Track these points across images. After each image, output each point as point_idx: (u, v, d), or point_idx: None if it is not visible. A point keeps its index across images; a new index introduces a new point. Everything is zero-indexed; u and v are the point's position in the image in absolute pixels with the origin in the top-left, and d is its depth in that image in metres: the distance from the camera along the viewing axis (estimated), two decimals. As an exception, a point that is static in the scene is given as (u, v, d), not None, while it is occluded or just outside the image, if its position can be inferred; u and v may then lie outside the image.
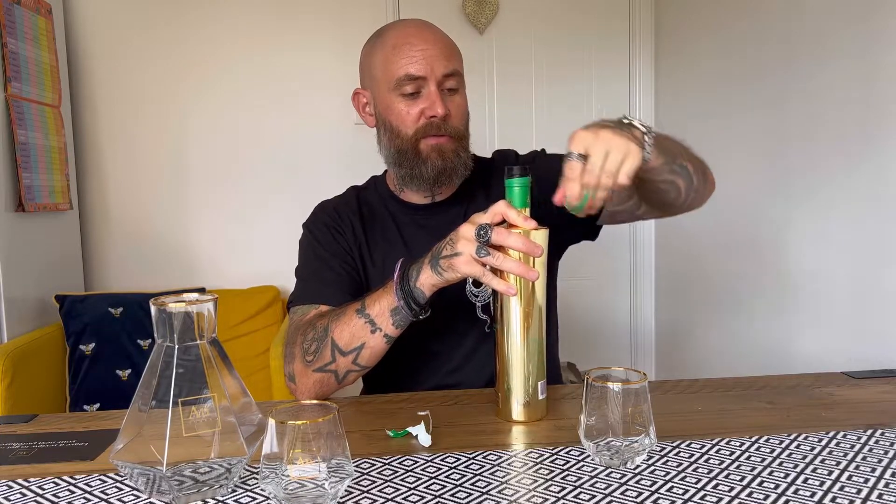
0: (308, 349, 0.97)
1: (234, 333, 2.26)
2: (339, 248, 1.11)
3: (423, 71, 1.02)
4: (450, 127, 1.05)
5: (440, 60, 1.03)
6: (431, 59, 1.02)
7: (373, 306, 0.92)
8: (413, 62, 1.02)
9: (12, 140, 1.97)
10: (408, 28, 1.06)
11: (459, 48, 1.10)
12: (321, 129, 2.56)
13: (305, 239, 1.15)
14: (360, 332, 0.93)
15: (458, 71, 1.06)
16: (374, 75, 1.07)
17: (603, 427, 0.70)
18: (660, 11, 2.68)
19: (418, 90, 1.03)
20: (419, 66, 1.02)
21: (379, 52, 1.06)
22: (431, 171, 1.04)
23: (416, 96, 1.03)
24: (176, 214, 2.52)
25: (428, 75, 1.02)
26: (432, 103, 1.02)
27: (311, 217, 1.18)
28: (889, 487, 0.65)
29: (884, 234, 1.48)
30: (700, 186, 1.02)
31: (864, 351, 1.55)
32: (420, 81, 1.03)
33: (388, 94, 1.05)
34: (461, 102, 1.08)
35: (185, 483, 0.63)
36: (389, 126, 1.07)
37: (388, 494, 0.66)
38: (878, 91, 1.49)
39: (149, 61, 2.46)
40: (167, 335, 0.65)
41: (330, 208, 1.16)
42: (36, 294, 2.09)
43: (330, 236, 1.12)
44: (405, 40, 1.03)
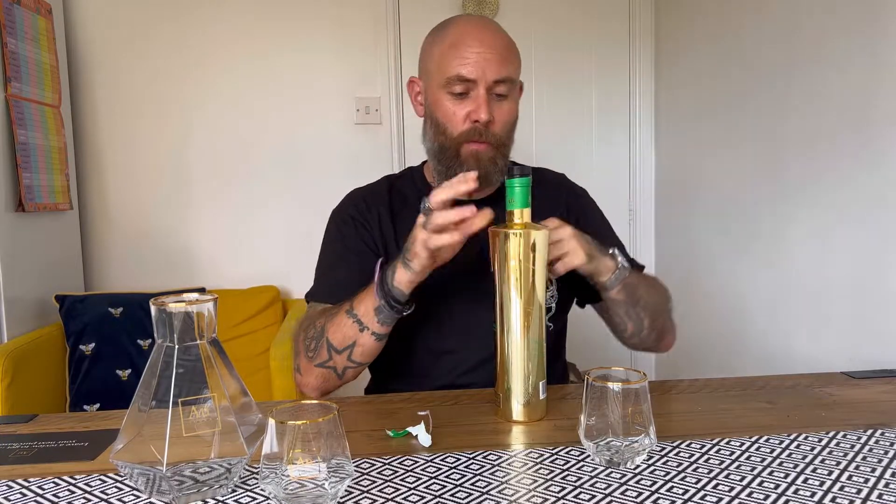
0: (309, 346, 1.01)
1: (234, 333, 2.26)
2: (359, 244, 1.11)
3: (474, 74, 1.01)
4: (491, 134, 1.04)
5: (493, 65, 1.01)
6: (484, 63, 1.01)
7: (359, 307, 0.96)
8: (466, 63, 1.01)
9: (12, 140, 1.97)
10: (468, 27, 1.05)
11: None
12: (321, 129, 2.56)
13: (330, 228, 1.16)
14: (351, 331, 0.97)
15: (511, 77, 1.04)
16: (429, 69, 1.07)
17: (603, 427, 0.70)
18: (660, 12, 2.68)
19: (467, 91, 1.03)
20: (471, 68, 1.01)
21: (437, 46, 1.06)
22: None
23: (464, 97, 1.03)
24: (176, 214, 2.52)
25: (478, 78, 1.01)
26: (478, 107, 1.02)
27: (339, 205, 1.18)
28: (889, 487, 0.65)
29: (884, 235, 1.48)
30: (647, 340, 1.10)
31: (864, 351, 1.55)
32: (470, 83, 1.02)
33: (438, 90, 1.05)
34: (509, 109, 1.06)
35: (185, 483, 0.63)
36: (436, 121, 1.07)
37: (388, 494, 0.66)
38: (878, 91, 1.49)
39: (149, 61, 2.46)
40: (167, 335, 0.65)
41: (359, 197, 1.16)
42: (36, 294, 2.09)
43: (353, 229, 1.12)
44: (462, 39, 1.03)
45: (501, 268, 0.85)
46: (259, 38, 2.50)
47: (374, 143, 2.58)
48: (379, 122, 2.58)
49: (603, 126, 2.77)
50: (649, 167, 2.76)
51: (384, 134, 2.59)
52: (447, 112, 1.04)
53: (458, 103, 1.03)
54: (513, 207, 0.85)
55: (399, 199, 1.16)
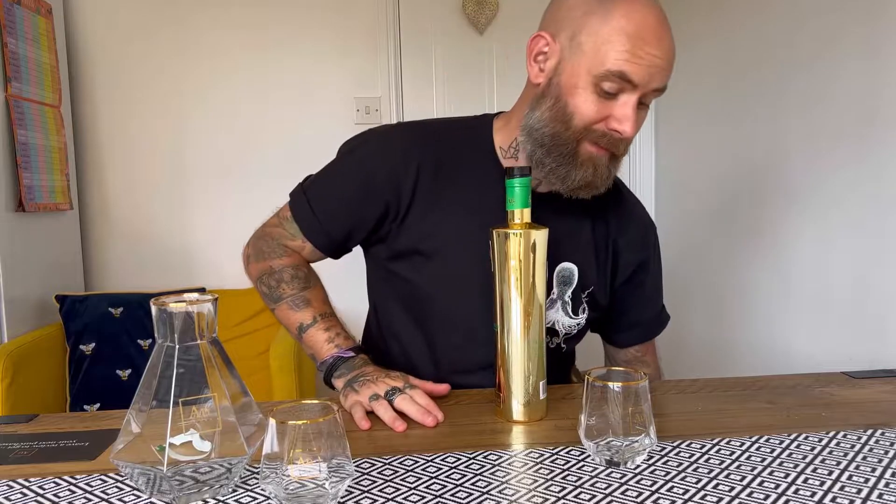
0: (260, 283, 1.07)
1: (234, 333, 2.26)
2: (366, 192, 0.99)
3: (641, 79, 0.86)
4: (622, 145, 0.91)
5: (660, 75, 0.87)
6: (655, 71, 0.86)
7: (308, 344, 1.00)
8: (637, 64, 0.85)
9: (12, 140, 1.97)
10: (649, 19, 0.86)
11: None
12: (322, 129, 2.56)
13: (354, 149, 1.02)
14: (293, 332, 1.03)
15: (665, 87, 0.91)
16: (580, 41, 0.88)
17: (603, 427, 0.70)
18: (660, 11, 2.68)
19: (619, 91, 0.87)
20: (640, 72, 0.85)
21: (602, 21, 0.86)
22: (577, 180, 0.92)
23: (612, 97, 0.88)
24: (176, 214, 2.52)
25: (641, 84, 0.86)
26: (624, 118, 0.87)
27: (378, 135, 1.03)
28: (889, 487, 0.65)
29: (884, 235, 1.48)
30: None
31: (864, 351, 1.55)
32: (628, 85, 0.87)
33: (583, 75, 0.87)
34: (643, 118, 0.93)
35: (185, 483, 0.63)
36: (563, 106, 0.89)
37: (388, 494, 0.66)
38: (878, 91, 1.49)
39: (149, 61, 2.47)
40: (167, 335, 0.65)
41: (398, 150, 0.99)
42: (36, 294, 2.09)
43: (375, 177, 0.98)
44: (640, 34, 0.85)
45: (501, 268, 0.85)
46: (259, 37, 2.50)
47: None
48: (379, 121, 2.58)
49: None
50: (649, 166, 2.76)
51: (384, 134, 2.59)
52: (585, 105, 0.88)
53: (602, 102, 0.88)
54: (513, 207, 0.85)
55: (451, 156, 0.99)
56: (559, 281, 1.02)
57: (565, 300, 1.03)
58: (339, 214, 1.02)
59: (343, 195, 1.01)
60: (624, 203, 1.10)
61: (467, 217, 0.98)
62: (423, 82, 2.63)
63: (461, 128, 1.04)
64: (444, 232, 0.99)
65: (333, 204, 1.02)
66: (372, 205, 0.99)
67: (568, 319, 1.05)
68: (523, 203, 0.85)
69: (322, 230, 1.03)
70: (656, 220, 1.18)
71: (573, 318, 1.05)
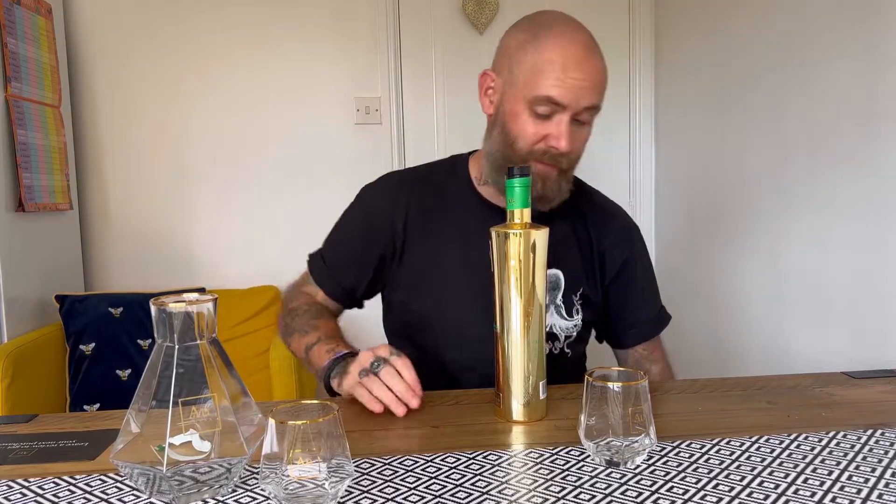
0: (287, 325, 1.12)
1: (234, 333, 2.26)
2: (368, 240, 1.11)
3: (567, 100, 0.95)
4: (564, 160, 1.00)
5: (588, 94, 0.96)
6: (580, 92, 0.95)
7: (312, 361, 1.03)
8: (561, 88, 0.95)
9: (12, 140, 1.97)
10: (571, 48, 0.96)
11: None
12: (322, 129, 2.56)
13: (358, 204, 1.16)
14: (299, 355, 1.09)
15: (599, 105, 1.00)
16: (514, 73, 1.00)
17: (603, 427, 0.70)
18: (659, 12, 2.68)
19: (552, 114, 0.97)
20: (566, 95, 0.95)
21: (530, 54, 0.98)
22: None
23: (546, 119, 0.98)
24: (176, 214, 2.52)
25: (569, 105, 0.96)
26: (560, 135, 0.97)
27: (371, 188, 1.16)
28: (889, 487, 0.65)
29: (884, 235, 1.48)
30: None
31: (864, 351, 1.55)
32: (557, 107, 0.96)
33: (519, 102, 0.99)
34: (585, 136, 1.03)
35: (185, 483, 0.63)
36: (507, 131, 1.01)
37: (388, 494, 0.66)
38: (877, 91, 1.49)
39: (149, 61, 2.47)
40: (167, 335, 0.65)
41: (392, 187, 1.14)
42: (36, 294, 2.09)
43: (368, 223, 1.12)
44: (562, 61, 0.95)
45: (501, 268, 0.85)
46: (259, 37, 2.50)
47: (374, 144, 2.58)
48: (379, 122, 2.58)
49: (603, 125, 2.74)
50: (649, 166, 2.76)
51: (384, 134, 2.59)
52: (524, 128, 0.99)
53: (540, 124, 0.98)
54: (513, 207, 0.85)
55: (438, 193, 1.11)
56: (548, 288, 1.07)
57: (557, 304, 1.08)
58: (346, 261, 1.14)
59: (348, 244, 1.14)
60: (601, 208, 1.17)
61: (457, 244, 1.08)
62: (423, 82, 2.63)
63: (441, 167, 1.16)
64: (439, 261, 1.08)
65: (340, 253, 1.15)
66: (373, 248, 1.11)
67: (563, 322, 1.08)
68: (523, 203, 0.85)
69: (332, 277, 1.15)
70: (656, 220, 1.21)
71: (568, 320, 1.08)
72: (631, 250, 1.16)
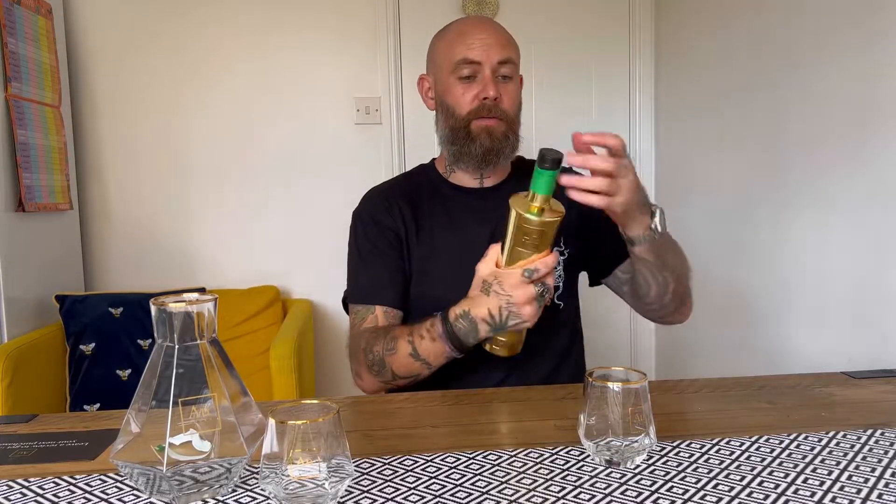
0: (371, 367, 1.07)
1: (234, 333, 2.26)
2: (385, 242, 1.16)
3: (480, 56, 1.10)
4: (501, 110, 1.11)
5: (496, 48, 1.10)
6: (488, 47, 1.10)
7: (425, 353, 1.01)
8: (472, 48, 1.10)
9: (12, 140, 1.97)
10: (471, 20, 1.17)
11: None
12: (322, 129, 2.56)
13: (354, 231, 1.21)
14: (416, 367, 1.03)
15: (513, 60, 1.13)
16: (437, 61, 1.16)
17: (603, 427, 0.70)
18: (660, 12, 2.68)
19: (474, 74, 1.11)
20: (477, 51, 1.10)
21: (443, 40, 1.16)
22: (479, 149, 1.11)
23: (471, 80, 1.11)
24: (176, 214, 2.52)
25: (484, 61, 1.10)
26: (485, 86, 1.10)
27: (360, 207, 1.22)
28: (889, 487, 0.65)
29: (884, 235, 1.48)
30: (668, 307, 1.12)
31: (864, 351, 1.55)
32: (476, 66, 1.10)
33: (447, 77, 1.13)
34: (514, 90, 1.14)
35: (185, 483, 0.63)
36: (446, 106, 1.14)
37: (388, 494, 0.66)
38: (877, 91, 1.49)
39: (149, 61, 2.47)
40: (167, 335, 0.65)
41: (378, 197, 1.21)
42: (36, 294, 2.09)
43: (376, 230, 1.17)
44: (466, 29, 1.13)
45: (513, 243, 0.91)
46: (259, 37, 2.50)
47: (374, 143, 2.58)
48: (379, 122, 2.58)
49: (603, 125, 2.77)
50: (649, 166, 2.76)
51: (384, 134, 2.59)
52: (456, 95, 1.12)
53: (467, 86, 1.11)
54: (535, 190, 0.88)
55: (416, 192, 1.20)
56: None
57: None
58: (381, 267, 1.15)
59: (373, 255, 1.16)
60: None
61: (447, 229, 1.17)
62: (423, 82, 2.63)
63: (412, 174, 1.27)
64: (434, 246, 1.16)
65: (372, 264, 1.16)
66: (394, 244, 1.16)
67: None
68: (548, 190, 0.87)
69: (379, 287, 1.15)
70: None
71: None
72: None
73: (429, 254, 1.15)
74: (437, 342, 0.99)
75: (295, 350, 1.91)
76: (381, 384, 1.09)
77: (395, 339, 1.04)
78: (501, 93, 1.11)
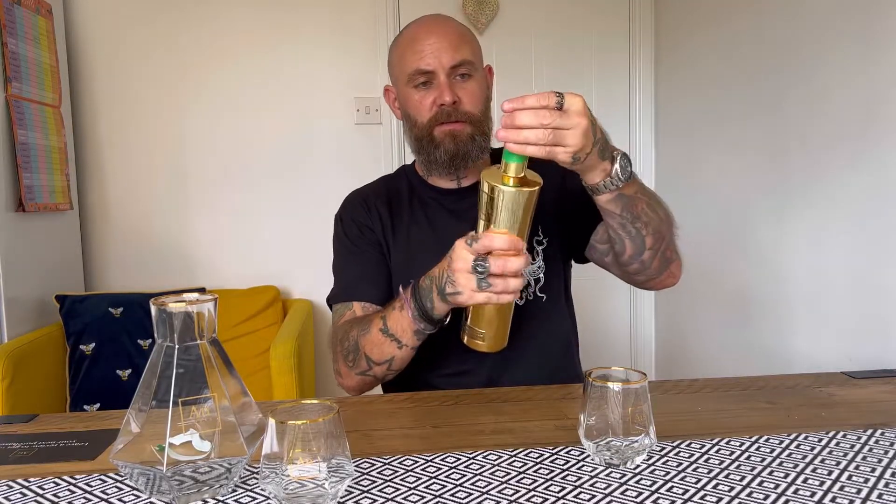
0: (347, 357, 1.07)
1: (234, 333, 2.26)
2: (365, 241, 1.17)
3: (432, 64, 1.08)
4: (462, 112, 1.09)
5: (447, 52, 1.08)
6: (439, 52, 1.08)
7: (395, 326, 0.99)
8: (422, 57, 1.08)
9: (12, 140, 1.97)
10: (420, 25, 1.13)
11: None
12: (321, 129, 2.56)
13: (336, 232, 1.21)
14: (389, 348, 1.00)
15: (468, 59, 1.10)
16: (395, 72, 1.15)
17: (603, 427, 0.70)
18: (660, 11, 2.68)
19: (430, 81, 1.09)
20: (427, 59, 1.08)
21: (397, 50, 1.14)
22: (444, 155, 1.10)
23: (428, 86, 1.10)
24: (176, 214, 2.52)
25: (436, 68, 1.08)
26: (441, 92, 1.08)
27: (341, 209, 1.23)
28: (889, 487, 0.65)
29: (883, 234, 1.48)
30: (649, 266, 1.03)
31: (864, 351, 1.55)
32: (430, 74, 1.08)
33: (405, 88, 1.12)
34: (474, 88, 1.11)
35: (185, 483, 0.63)
36: (409, 116, 1.14)
37: (388, 494, 0.66)
38: (877, 91, 1.49)
39: (149, 61, 2.46)
40: (167, 335, 0.65)
41: (357, 199, 1.22)
42: (36, 294, 2.09)
43: (357, 230, 1.17)
44: (415, 36, 1.11)
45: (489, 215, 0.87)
46: (259, 37, 2.50)
47: (374, 143, 2.58)
48: (379, 122, 2.58)
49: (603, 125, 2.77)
50: (649, 166, 2.77)
51: (384, 134, 2.59)
52: (415, 104, 1.11)
53: (424, 94, 1.10)
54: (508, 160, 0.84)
55: (395, 195, 1.20)
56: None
57: None
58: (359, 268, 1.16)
59: (350, 255, 1.17)
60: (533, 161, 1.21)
61: (426, 228, 1.17)
62: (423, 82, 2.63)
63: (392, 177, 1.27)
64: (411, 246, 1.16)
65: (353, 263, 1.17)
66: (374, 244, 1.16)
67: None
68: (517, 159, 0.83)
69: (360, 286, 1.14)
70: None
71: (531, 264, 1.13)
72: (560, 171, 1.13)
73: (407, 255, 1.15)
74: (405, 310, 0.96)
75: (295, 350, 1.91)
76: (358, 378, 1.06)
77: (369, 321, 1.03)
78: (461, 94, 1.09)
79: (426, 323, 0.95)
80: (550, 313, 1.16)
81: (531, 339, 1.12)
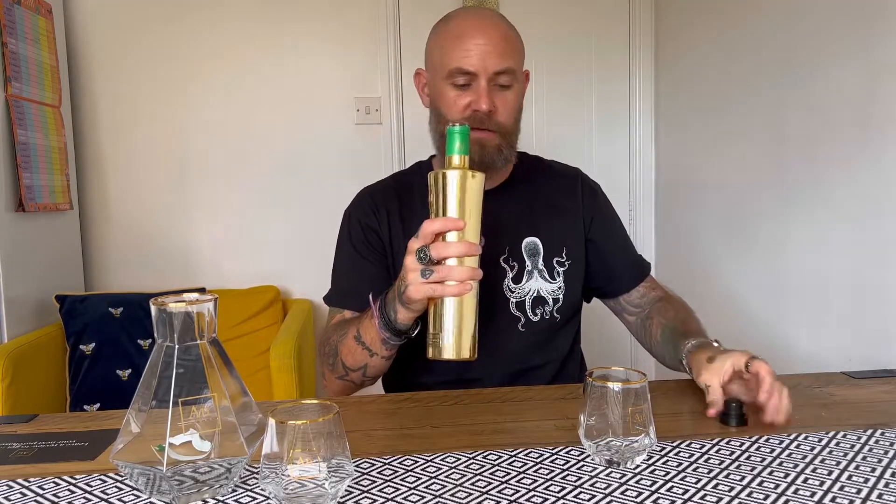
0: (327, 361, 1.08)
1: (234, 333, 2.26)
2: (367, 246, 1.14)
3: (475, 67, 1.03)
4: (494, 122, 1.05)
5: (493, 57, 1.03)
6: (485, 56, 1.02)
7: (366, 336, 0.99)
8: (467, 56, 1.02)
9: (12, 140, 1.97)
10: (470, 19, 1.06)
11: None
12: (321, 129, 2.56)
13: (342, 230, 1.19)
14: (361, 356, 1.01)
15: (512, 68, 1.05)
16: (433, 61, 1.09)
17: (603, 427, 0.70)
18: (660, 12, 2.68)
19: (469, 83, 1.04)
20: (472, 61, 1.02)
21: (440, 39, 1.08)
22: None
23: (466, 88, 1.05)
24: (176, 214, 2.52)
25: (479, 71, 1.03)
26: (479, 97, 1.03)
27: (350, 206, 1.20)
28: (889, 487, 0.65)
29: (884, 235, 1.48)
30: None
31: (864, 351, 1.55)
32: (471, 76, 1.03)
33: (441, 81, 1.07)
34: (512, 99, 1.07)
35: (185, 483, 0.63)
36: (438, 111, 1.09)
37: (388, 494, 0.66)
38: (877, 92, 1.49)
39: (149, 61, 2.46)
40: (167, 335, 0.65)
41: (366, 197, 1.19)
42: (36, 294, 2.09)
43: (361, 234, 1.15)
44: (464, 32, 1.04)
45: (438, 207, 0.85)
46: (259, 37, 2.50)
47: (374, 143, 2.58)
48: (379, 122, 2.58)
49: (603, 125, 2.77)
50: (649, 166, 2.77)
51: (384, 134, 2.59)
52: (448, 101, 1.06)
53: (461, 94, 1.05)
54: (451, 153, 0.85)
55: (407, 191, 1.17)
56: (528, 254, 1.14)
57: (539, 269, 1.13)
58: (355, 276, 1.14)
59: (350, 260, 1.16)
60: (562, 175, 1.23)
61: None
62: (423, 82, 2.63)
63: (408, 172, 1.25)
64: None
65: (352, 269, 1.15)
66: (377, 253, 1.14)
67: (548, 285, 1.13)
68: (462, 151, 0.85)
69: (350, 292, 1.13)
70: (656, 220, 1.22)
71: (552, 283, 1.13)
72: (597, 205, 1.21)
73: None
74: (373, 319, 0.95)
75: (295, 350, 1.91)
76: (339, 382, 1.06)
77: (346, 327, 1.04)
78: (497, 103, 1.04)
79: (390, 333, 0.95)
80: (562, 334, 1.17)
81: (540, 356, 1.13)
